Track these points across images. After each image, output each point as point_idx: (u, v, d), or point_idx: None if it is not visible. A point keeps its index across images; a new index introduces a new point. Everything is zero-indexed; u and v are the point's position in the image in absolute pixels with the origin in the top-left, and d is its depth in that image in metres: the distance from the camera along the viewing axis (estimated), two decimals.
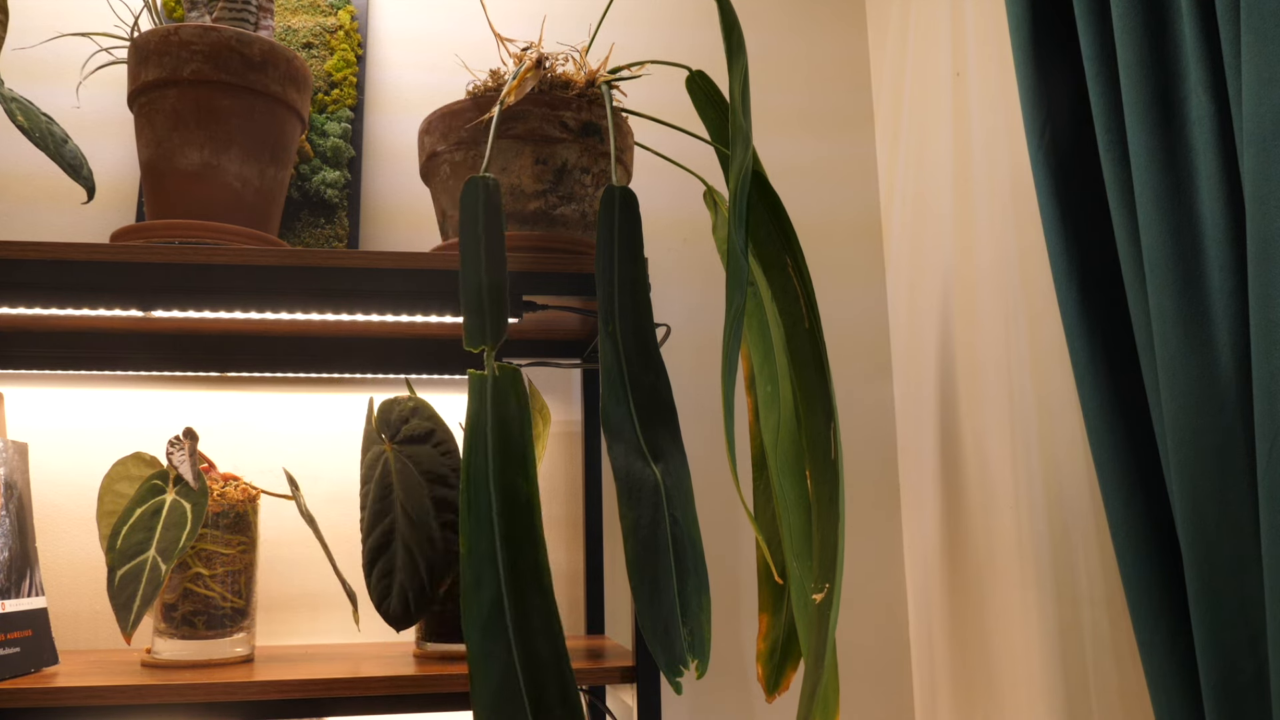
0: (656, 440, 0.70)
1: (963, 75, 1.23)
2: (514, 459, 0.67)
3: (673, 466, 0.69)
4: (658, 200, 1.40)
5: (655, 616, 0.64)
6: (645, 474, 0.68)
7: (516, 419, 0.69)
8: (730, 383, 0.71)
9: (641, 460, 0.69)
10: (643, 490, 0.67)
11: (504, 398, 0.69)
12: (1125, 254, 0.79)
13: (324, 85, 1.36)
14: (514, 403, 0.69)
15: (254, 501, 1.09)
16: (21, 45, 1.27)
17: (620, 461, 0.69)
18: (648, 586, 0.64)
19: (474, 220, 0.76)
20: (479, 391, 0.69)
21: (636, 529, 0.66)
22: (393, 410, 1.08)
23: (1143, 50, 0.75)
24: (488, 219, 0.76)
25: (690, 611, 0.65)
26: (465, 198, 0.77)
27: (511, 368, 0.70)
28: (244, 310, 0.99)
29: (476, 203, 0.76)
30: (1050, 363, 1.03)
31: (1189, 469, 0.71)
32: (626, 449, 0.69)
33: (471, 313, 0.73)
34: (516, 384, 0.70)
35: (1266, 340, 0.61)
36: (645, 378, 0.73)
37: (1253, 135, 0.62)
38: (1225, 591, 0.68)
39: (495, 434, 0.67)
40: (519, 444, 0.68)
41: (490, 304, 0.73)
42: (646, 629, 0.64)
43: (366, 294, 0.98)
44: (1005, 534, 1.12)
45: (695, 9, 1.52)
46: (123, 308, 0.97)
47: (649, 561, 0.65)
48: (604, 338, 0.74)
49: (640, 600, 0.64)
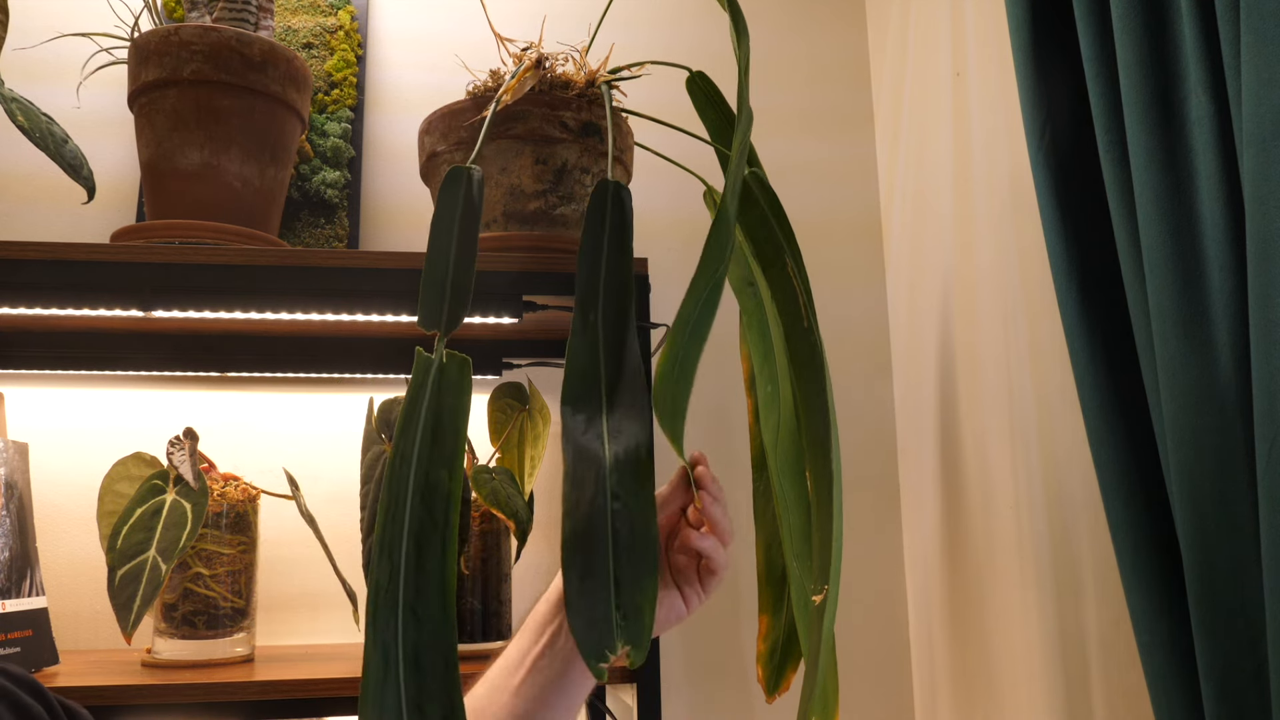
0: (621, 424, 0.67)
1: (963, 75, 1.23)
2: (443, 450, 0.64)
3: (629, 447, 0.66)
4: (658, 201, 1.40)
5: (582, 594, 0.59)
6: (593, 446, 0.65)
7: (451, 410, 0.66)
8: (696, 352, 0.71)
9: (595, 436, 0.65)
10: (588, 465, 0.64)
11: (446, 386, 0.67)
12: (1125, 254, 0.79)
13: (324, 85, 1.36)
14: (452, 395, 0.66)
15: (254, 501, 1.09)
16: (21, 45, 1.27)
17: (576, 442, 0.66)
18: (579, 564, 0.60)
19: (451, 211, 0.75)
20: (422, 374, 0.67)
21: (577, 506, 0.63)
22: (393, 410, 1.08)
23: (1143, 50, 0.75)
24: (465, 210, 0.75)
25: (625, 593, 0.61)
26: (446, 186, 0.75)
27: (460, 357, 0.68)
28: (244, 310, 0.99)
29: (456, 194, 0.75)
30: (1050, 363, 1.03)
31: (1189, 469, 0.71)
32: (585, 421, 0.66)
33: (429, 298, 0.71)
34: (463, 375, 0.68)
35: (1266, 340, 0.61)
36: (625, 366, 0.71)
37: (1253, 135, 0.62)
38: (1225, 591, 0.68)
39: (429, 422, 0.65)
40: (451, 435, 0.65)
41: (452, 295, 0.71)
42: (570, 606, 0.59)
43: (366, 294, 0.98)
44: (1005, 534, 1.12)
45: (696, 9, 1.52)
46: (123, 308, 0.97)
47: (584, 537, 0.61)
48: (584, 327, 0.72)
49: (568, 578, 0.60)
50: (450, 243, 0.73)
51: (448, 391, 0.67)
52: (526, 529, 1.07)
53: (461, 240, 0.73)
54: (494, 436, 1.16)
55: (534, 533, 1.30)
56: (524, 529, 1.06)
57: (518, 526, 1.06)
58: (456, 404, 0.66)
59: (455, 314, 0.71)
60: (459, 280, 0.72)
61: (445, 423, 0.65)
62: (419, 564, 0.61)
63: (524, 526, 1.06)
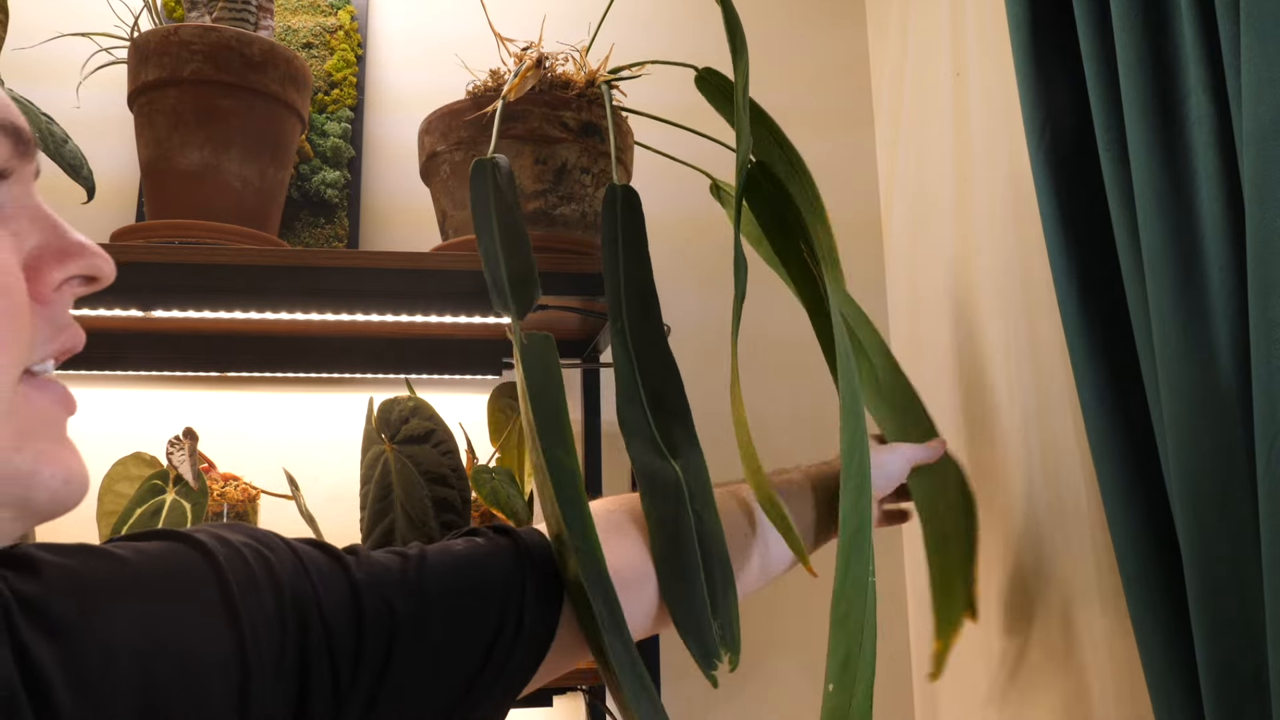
0: (672, 437, 0.70)
1: (963, 75, 1.23)
2: (552, 431, 0.66)
3: (691, 462, 0.69)
4: (659, 200, 1.40)
5: (687, 611, 0.63)
6: (665, 470, 0.68)
7: (547, 386, 0.67)
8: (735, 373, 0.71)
9: (660, 457, 0.68)
10: (665, 486, 0.67)
11: (533, 365, 0.68)
12: (1125, 254, 0.79)
13: (324, 85, 1.36)
14: (541, 370, 0.68)
15: (254, 501, 1.09)
16: (21, 45, 1.27)
17: (640, 459, 0.68)
18: (678, 582, 0.64)
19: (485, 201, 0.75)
20: (517, 358, 0.68)
21: (662, 525, 0.65)
22: (393, 410, 1.08)
23: (1142, 49, 0.75)
24: (498, 198, 0.75)
25: (720, 605, 0.64)
26: (474, 178, 0.76)
27: (542, 335, 0.69)
28: (244, 310, 0.99)
29: (486, 183, 0.76)
30: (1050, 363, 1.03)
31: (1189, 469, 0.70)
32: (644, 446, 0.69)
33: (495, 294, 0.72)
34: (546, 349, 0.69)
35: (1266, 340, 0.61)
36: (656, 375, 0.73)
37: (1253, 135, 0.62)
38: (1225, 591, 0.68)
39: (529, 405, 0.66)
40: (553, 413, 0.67)
41: (511, 282, 0.72)
42: (679, 624, 0.63)
43: (366, 294, 0.98)
44: (1005, 534, 1.12)
45: (696, 9, 1.52)
46: (123, 308, 0.97)
47: (676, 557, 0.65)
48: (614, 335, 0.74)
49: (671, 596, 0.64)
50: (493, 234, 0.73)
51: (534, 369, 0.68)
52: None
53: (504, 227, 0.74)
54: (494, 436, 1.16)
55: None
56: None
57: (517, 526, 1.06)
58: (547, 381, 0.68)
59: (527, 296, 0.71)
60: (514, 267, 0.72)
61: (544, 401, 0.67)
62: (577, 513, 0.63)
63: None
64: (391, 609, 0.57)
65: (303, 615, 0.54)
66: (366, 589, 0.57)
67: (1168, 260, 0.72)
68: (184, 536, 0.54)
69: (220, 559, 0.52)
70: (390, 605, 0.57)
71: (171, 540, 0.53)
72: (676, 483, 0.67)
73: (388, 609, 0.57)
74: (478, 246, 0.73)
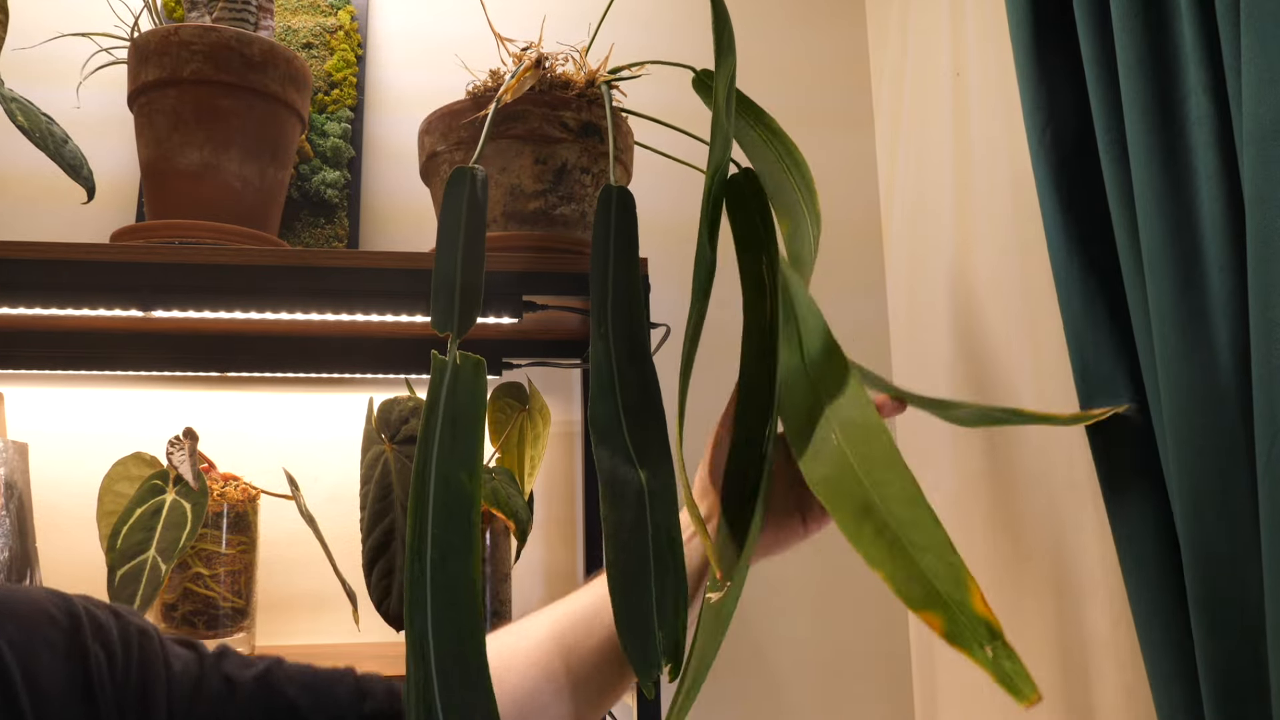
0: (643, 444, 0.70)
1: (963, 75, 1.23)
2: (461, 451, 0.65)
3: (659, 470, 0.69)
4: (658, 201, 1.40)
5: (630, 618, 0.64)
6: (630, 476, 0.67)
7: (468, 410, 0.67)
8: (684, 386, 0.71)
9: (627, 463, 0.68)
10: (626, 492, 0.67)
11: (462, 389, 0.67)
12: (1125, 254, 0.79)
13: (324, 85, 1.36)
14: (468, 396, 0.67)
15: (254, 501, 1.09)
16: (21, 45, 1.27)
17: (605, 462, 0.68)
18: (624, 586, 0.64)
19: (456, 212, 0.75)
20: (439, 376, 0.67)
21: (619, 530, 0.66)
22: (393, 410, 1.08)
23: (1142, 50, 0.75)
24: (470, 210, 0.75)
25: (666, 616, 0.64)
26: (450, 187, 0.76)
27: (474, 359, 0.69)
28: (244, 310, 0.99)
29: (461, 195, 0.76)
30: (1050, 362, 1.03)
31: (1189, 468, 0.70)
32: (611, 450, 0.69)
33: (440, 301, 0.72)
34: (477, 376, 0.68)
35: (1266, 340, 0.61)
36: (634, 380, 0.72)
37: (1253, 135, 0.62)
38: (1225, 591, 0.68)
39: (446, 424, 0.66)
40: (468, 436, 0.66)
41: (462, 296, 0.72)
42: (621, 629, 0.63)
43: (366, 294, 0.98)
44: (1006, 533, 1.12)
45: (695, 9, 1.52)
46: (123, 308, 0.97)
47: (627, 562, 0.65)
48: (595, 338, 0.73)
49: (616, 602, 0.64)
50: (457, 244, 0.73)
51: (463, 392, 0.67)
52: (526, 529, 1.07)
53: (469, 240, 0.73)
54: (494, 436, 1.16)
55: (534, 533, 1.30)
56: (524, 529, 1.06)
57: (518, 526, 1.06)
58: (471, 405, 0.67)
59: (467, 315, 0.71)
60: (468, 281, 0.72)
61: (462, 424, 0.66)
62: (444, 566, 0.62)
63: (524, 526, 1.06)
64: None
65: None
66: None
67: (1168, 260, 0.72)
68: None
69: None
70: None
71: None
72: (639, 490, 0.67)
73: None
74: (435, 254, 0.73)
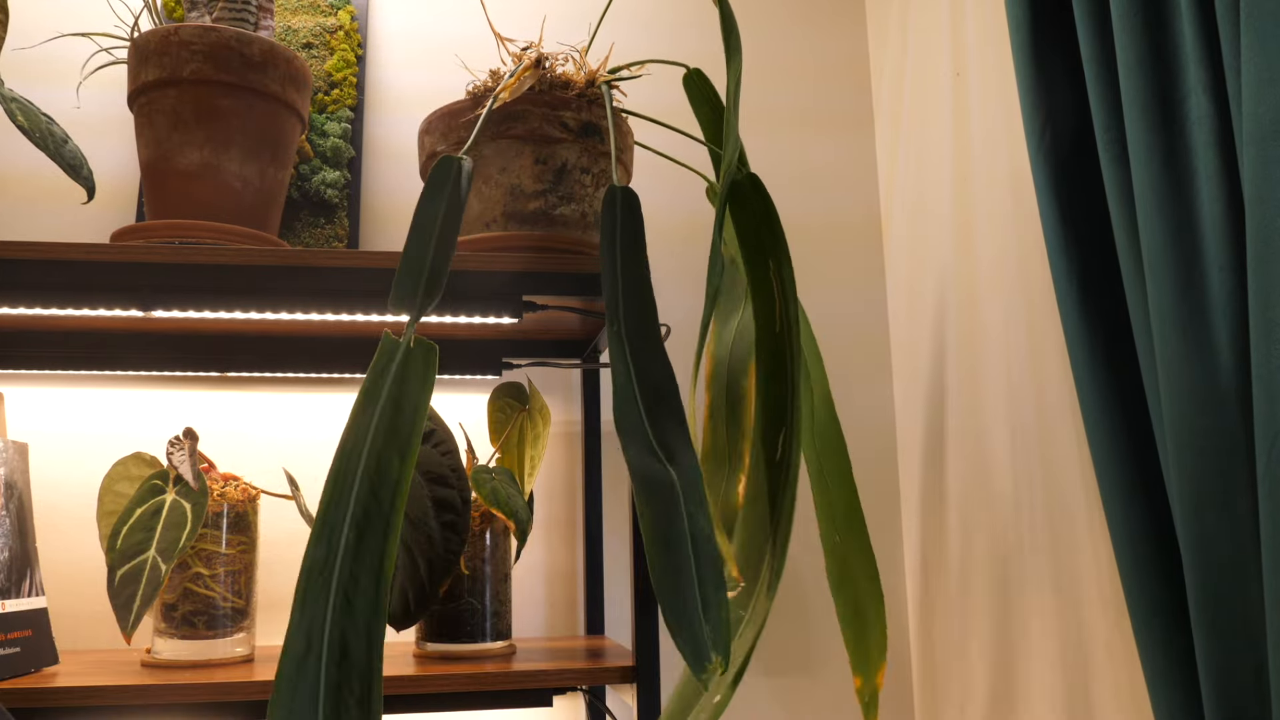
0: (667, 438, 0.70)
1: (963, 75, 1.23)
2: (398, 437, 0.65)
3: (685, 464, 0.70)
4: (658, 200, 1.40)
5: (680, 613, 0.64)
6: (661, 473, 0.68)
7: (413, 397, 0.67)
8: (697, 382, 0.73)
9: (655, 460, 0.69)
10: (659, 489, 0.67)
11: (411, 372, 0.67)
12: (1125, 254, 0.79)
13: (324, 85, 1.36)
14: (415, 382, 0.67)
15: (254, 501, 1.09)
16: (21, 45, 1.27)
17: (635, 462, 0.69)
18: (671, 583, 0.65)
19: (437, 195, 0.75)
20: (385, 358, 0.67)
21: (656, 527, 0.66)
22: None
23: (1142, 50, 0.75)
24: (450, 197, 0.75)
25: (711, 608, 0.65)
26: (434, 174, 0.76)
27: (427, 343, 0.68)
28: (244, 310, 0.99)
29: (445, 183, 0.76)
30: (1050, 363, 1.03)
31: (1189, 469, 0.70)
32: (640, 449, 0.69)
33: (404, 280, 0.72)
34: (428, 362, 0.68)
35: (1266, 340, 0.61)
36: (652, 377, 0.73)
37: (1253, 135, 0.62)
38: (1225, 591, 0.68)
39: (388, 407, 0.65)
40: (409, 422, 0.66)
41: (428, 278, 0.72)
42: (672, 627, 0.64)
43: (366, 294, 0.98)
44: (1006, 534, 1.12)
45: (695, 9, 1.52)
46: (123, 308, 0.97)
47: (670, 559, 0.65)
48: (611, 338, 0.74)
49: (664, 599, 0.64)
50: (433, 227, 0.73)
51: (412, 378, 0.67)
52: (526, 529, 1.07)
53: (444, 226, 0.74)
54: (494, 436, 1.16)
55: (534, 533, 1.30)
56: (524, 529, 1.06)
57: (518, 526, 1.06)
58: (419, 391, 0.67)
59: (428, 298, 0.71)
60: (437, 264, 0.72)
61: (405, 409, 0.66)
62: (358, 550, 0.61)
63: (524, 527, 1.06)
64: None
65: None
66: None
67: (1168, 261, 0.72)
68: None
69: None
70: None
71: None
72: (671, 485, 0.68)
73: None
74: (408, 238, 0.73)
